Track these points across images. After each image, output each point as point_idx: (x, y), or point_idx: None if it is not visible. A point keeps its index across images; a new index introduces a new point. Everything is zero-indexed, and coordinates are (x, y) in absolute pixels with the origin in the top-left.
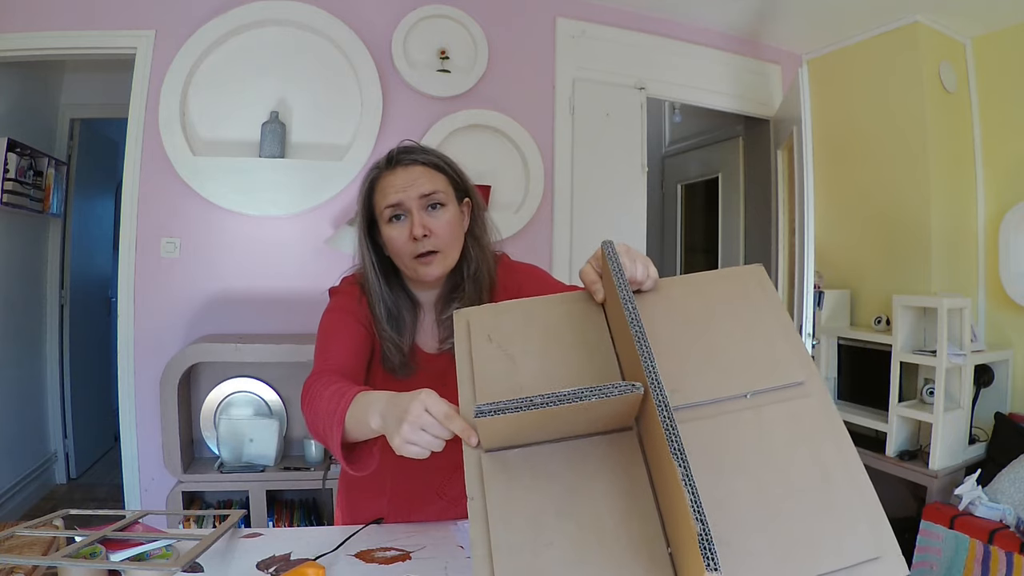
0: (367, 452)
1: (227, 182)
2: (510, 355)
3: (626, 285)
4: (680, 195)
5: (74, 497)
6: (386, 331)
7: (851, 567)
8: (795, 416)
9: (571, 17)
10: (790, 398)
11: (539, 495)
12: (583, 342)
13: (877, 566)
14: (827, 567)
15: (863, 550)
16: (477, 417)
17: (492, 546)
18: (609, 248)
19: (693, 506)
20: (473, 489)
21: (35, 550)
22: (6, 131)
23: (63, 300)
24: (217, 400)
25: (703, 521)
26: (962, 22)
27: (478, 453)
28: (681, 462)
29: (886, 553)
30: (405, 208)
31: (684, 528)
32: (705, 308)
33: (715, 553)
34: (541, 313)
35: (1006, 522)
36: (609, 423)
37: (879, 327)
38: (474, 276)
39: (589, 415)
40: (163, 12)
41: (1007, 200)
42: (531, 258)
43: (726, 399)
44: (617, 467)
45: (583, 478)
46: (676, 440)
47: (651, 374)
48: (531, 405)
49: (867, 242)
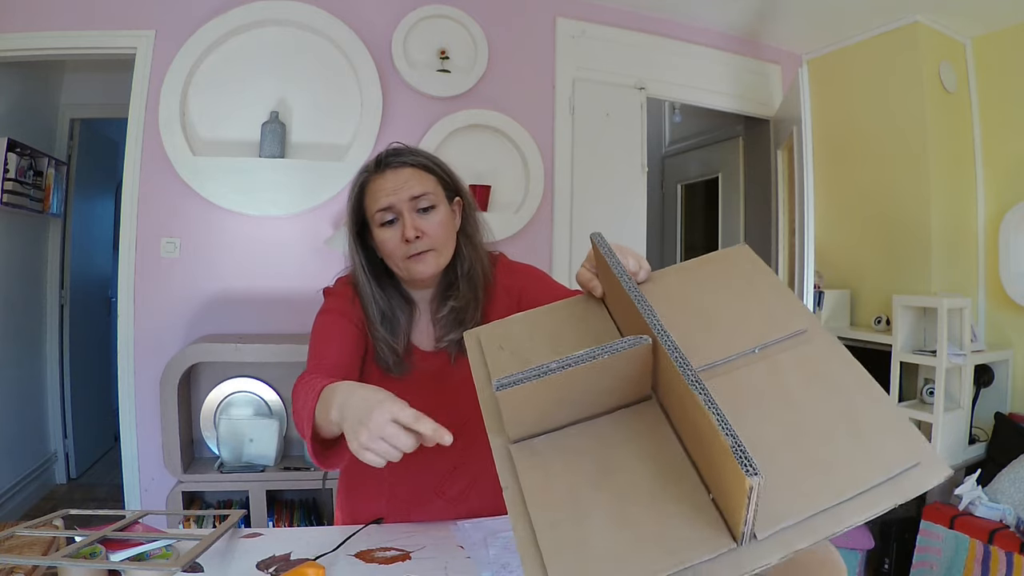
0: (341, 447)
1: (227, 182)
2: (524, 358)
3: (619, 263)
4: (680, 195)
5: (74, 497)
6: (379, 332)
7: (892, 478)
8: (806, 359)
9: (571, 17)
10: (797, 344)
11: (571, 473)
12: (591, 333)
13: (918, 472)
14: (870, 482)
15: (900, 460)
16: (498, 391)
17: (534, 527)
18: (599, 238)
19: (720, 423)
20: (506, 479)
21: (35, 550)
22: (6, 131)
23: (63, 300)
24: (217, 400)
25: (733, 435)
26: (962, 22)
27: (505, 444)
28: (700, 389)
29: (924, 459)
30: (396, 211)
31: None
32: (700, 287)
33: (751, 459)
34: (545, 320)
35: (1006, 522)
36: (627, 393)
37: (879, 327)
38: (468, 274)
39: (605, 383)
40: (163, 12)
41: (1007, 200)
42: (531, 258)
43: (736, 356)
44: (644, 433)
45: (612, 449)
46: (690, 373)
47: (655, 326)
48: (547, 371)
49: (867, 242)
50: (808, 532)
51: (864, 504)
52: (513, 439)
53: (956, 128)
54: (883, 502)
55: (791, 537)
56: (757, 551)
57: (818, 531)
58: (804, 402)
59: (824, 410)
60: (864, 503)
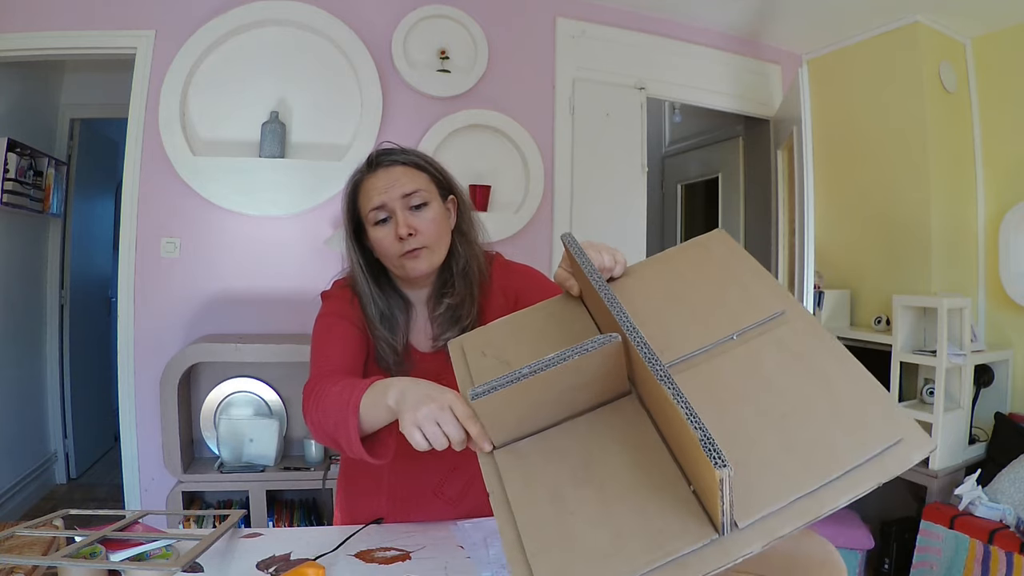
0: (385, 435)
1: (227, 182)
2: (505, 361)
3: (588, 261)
4: (680, 195)
5: (74, 497)
6: (379, 331)
7: (876, 456)
8: (784, 341)
9: (571, 17)
10: (775, 327)
11: (554, 472)
12: (570, 333)
13: (902, 448)
14: (853, 462)
15: (884, 437)
16: (473, 400)
17: (519, 530)
18: (568, 238)
19: (688, 416)
20: (492, 484)
21: (35, 550)
22: (6, 131)
23: (63, 300)
24: (217, 400)
25: (702, 428)
26: (962, 22)
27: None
28: (668, 384)
29: (907, 434)
30: (389, 209)
31: (693, 456)
32: (677, 276)
33: (720, 451)
34: (526, 321)
35: (1006, 522)
36: (605, 389)
37: (879, 327)
38: (463, 272)
39: (581, 380)
40: (163, 12)
41: (1007, 200)
42: (531, 258)
43: (714, 344)
44: (625, 428)
45: (594, 447)
46: (659, 367)
47: (624, 322)
48: (519, 376)
49: (867, 242)
50: (790, 517)
51: (848, 485)
52: (497, 444)
53: (956, 128)
54: (867, 482)
55: (773, 524)
56: (740, 539)
57: (801, 515)
58: (784, 385)
59: (804, 392)
60: (848, 484)
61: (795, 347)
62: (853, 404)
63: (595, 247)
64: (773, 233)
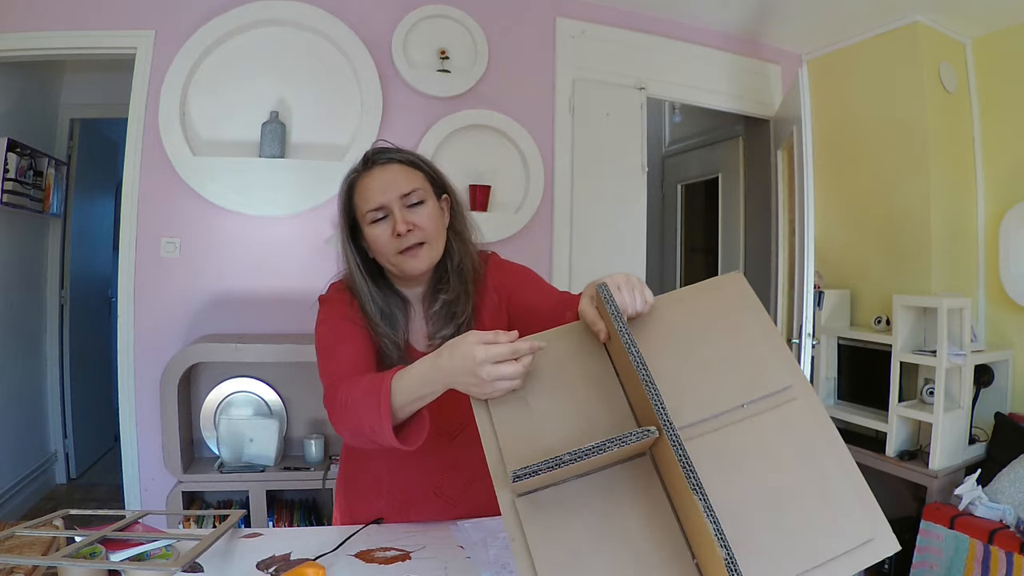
0: (417, 420)
1: (227, 182)
2: (524, 399)
3: (627, 330)
4: (680, 195)
5: (74, 497)
6: (381, 328)
7: (850, 551)
8: (787, 420)
9: (571, 17)
10: (781, 403)
11: (572, 527)
12: (587, 374)
13: (871, 547)
14: (829, 554)
15: (859, 533)
16: (515, 482)
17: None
18: (605, 292)
19: (717, 535)
20: (512, 531)
21: (35, 550)
22: (6, 131)
23: (63, 300)
24: (217, 400)
25: (727, 547)
26: (962, 22)
27: (511, 497)
28: (701, 496)
29: (878, 533)
30: (387, 209)
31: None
32: (695, 322)
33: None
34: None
35: (1006, 522)
36: (626, 454)
37: (879, 327)
38: (458, 269)
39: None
40: (163, 12)
41: (1007, 200)
42: (531, 258)
43: (725, 412)
44: (638, 490)
45: (609, 505)
46: (694, 477)
47: (662, 416)
48: (560, 463)
49: (867, 242)
50: None
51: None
52: (519, 493)
53: (956, 128)
54: (841, 571)
55: None
56: None
57: None
58: (783, 465)
59: (801, 476)
60: (825, 572)
61: (798, 429)
62: (839, 494)
63: (628, 284)
64: (773, 233)
